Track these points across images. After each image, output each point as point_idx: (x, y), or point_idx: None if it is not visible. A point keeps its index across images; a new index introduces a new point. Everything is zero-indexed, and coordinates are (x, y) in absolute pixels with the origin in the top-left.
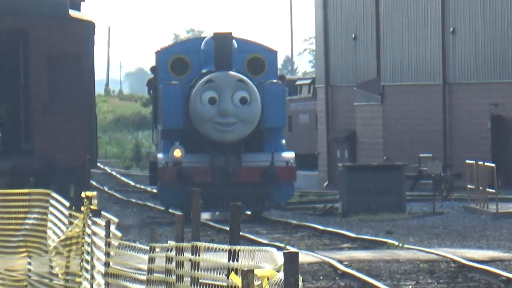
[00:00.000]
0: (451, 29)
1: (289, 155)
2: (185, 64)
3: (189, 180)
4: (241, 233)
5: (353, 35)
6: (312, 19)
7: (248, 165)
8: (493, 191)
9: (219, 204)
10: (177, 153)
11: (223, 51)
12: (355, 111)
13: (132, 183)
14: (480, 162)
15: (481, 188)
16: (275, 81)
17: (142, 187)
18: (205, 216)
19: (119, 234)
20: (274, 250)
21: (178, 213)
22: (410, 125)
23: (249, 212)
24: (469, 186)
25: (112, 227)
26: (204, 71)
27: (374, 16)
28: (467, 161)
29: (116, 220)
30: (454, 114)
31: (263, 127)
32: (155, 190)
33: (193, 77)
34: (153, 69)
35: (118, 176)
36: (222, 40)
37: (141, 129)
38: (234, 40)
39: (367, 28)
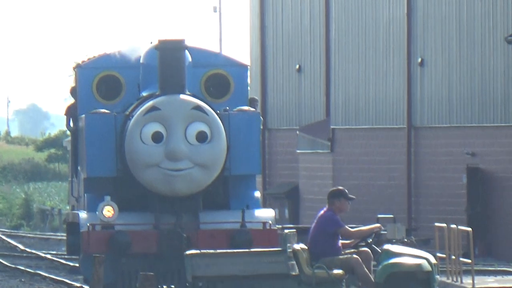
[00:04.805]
0: (419, 60)
1: (267, 213)
2: (117, 84)
3: (125, 249)
4: None
5: (297, 66)
6: (246, 44)
7: (208, 228)
8: (469, 261)
9: (168, 283)
10: (108, 211)
11: (172, 66)
12: (298, 160)
13: (21, 247)
14: (453, 225)
15: (453, 257)
16: (246, 108)
17: (34, 251)
18: None
19: None
20: None
21: (77, 284)
22: (366, 179)
23: None
24: (438, 254)
25: None
26: (144, 94)
27: (323, 43)
28: (437, 224)
29: None
30: (421, 166)
31: (229, 175)
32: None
33: (129, 102)
34: (73, 92)
35: (3, 237)
36: (170, 50)
37: (33, 180)
38: (187, 51)
39: (315, 57)
